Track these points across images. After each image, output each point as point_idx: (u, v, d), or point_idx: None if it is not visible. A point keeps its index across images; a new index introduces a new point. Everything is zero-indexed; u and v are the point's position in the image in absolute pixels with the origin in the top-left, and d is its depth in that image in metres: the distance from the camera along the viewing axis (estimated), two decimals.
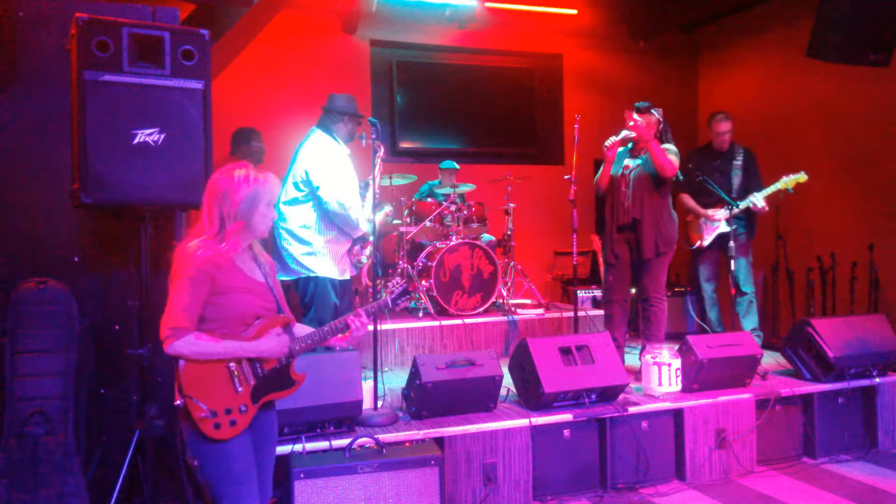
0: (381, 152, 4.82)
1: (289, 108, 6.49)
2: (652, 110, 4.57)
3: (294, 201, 4.04)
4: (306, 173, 3.99)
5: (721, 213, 5.19)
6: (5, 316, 3.01)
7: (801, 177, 4.95)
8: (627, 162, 4.59)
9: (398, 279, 4.03)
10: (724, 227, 5.15)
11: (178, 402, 2.22)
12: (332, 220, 4.05)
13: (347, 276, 4.25)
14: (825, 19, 4.90)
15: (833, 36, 4.87)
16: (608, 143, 4.52)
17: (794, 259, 6.41)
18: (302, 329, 2.52)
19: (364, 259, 4.24)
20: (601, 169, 4.67)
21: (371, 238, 4.03)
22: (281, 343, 2.38)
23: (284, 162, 5.64)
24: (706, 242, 5.28)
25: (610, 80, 7.75)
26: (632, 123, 4.50)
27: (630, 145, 4.65)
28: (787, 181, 4.97)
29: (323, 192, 3.96)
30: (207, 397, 2.23)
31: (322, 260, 4.05)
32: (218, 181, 2.35)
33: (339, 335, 2.50)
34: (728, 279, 4.96)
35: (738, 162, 5.38)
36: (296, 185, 4.04)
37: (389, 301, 2.63)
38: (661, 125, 4.61)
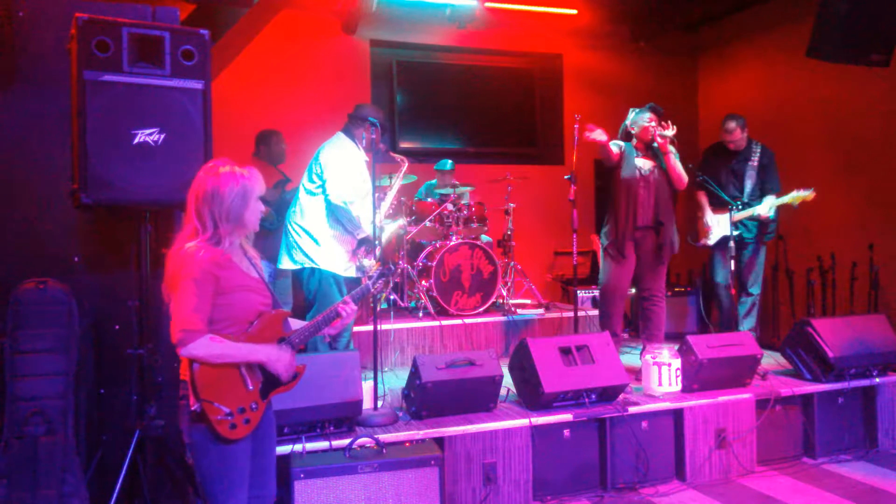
0: (405, 167, 4.89)
1: (289, 108, 6.49)
2: None
3: (309, 193, 4.26)
4: (321, 167, 4.21)
5: (728, 217, 5.14)
6: (5, 316, 3.01)
7: (809, 194, 4.91)
8: (640, 164, 4.55)
9: (371, 261, 4.11)
10: (728, 230, 4.96)
11: (195, 406, 2.19)
12: (336, 216, 4.19)
13: (352, 274, 4.33)
14: (825, 19, 4.88)
15: (833, 35, 4.86)
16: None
17: (794, 259, 6.41)
18: (297, 322, 2.55)
19: (367, 263, 4.30)
20: (618, 142, 4.58)
21: (378, 244, 4.11)
22: (289, 364, 2.39)
23: (289, 160, 5.67)
24: (710, 241, 5.26)
25: (610, 80, 7.75)
26: (671, 128, 4.49)
27: (634, 142, 4.62)
28: (795, 196, 4.93)
29: (329, 185, 4.16)
30: (224, 398, 2.22)
31: (325, 253, 4.20)
32: (204, 181, 2.29)
33: (332, 323, 2.54)
34: (738, 278, 4.95)
35: (754, 162, 5.24)
36: (310, 177, 4.26)
37: (370, 285, 2.74)
38: None
